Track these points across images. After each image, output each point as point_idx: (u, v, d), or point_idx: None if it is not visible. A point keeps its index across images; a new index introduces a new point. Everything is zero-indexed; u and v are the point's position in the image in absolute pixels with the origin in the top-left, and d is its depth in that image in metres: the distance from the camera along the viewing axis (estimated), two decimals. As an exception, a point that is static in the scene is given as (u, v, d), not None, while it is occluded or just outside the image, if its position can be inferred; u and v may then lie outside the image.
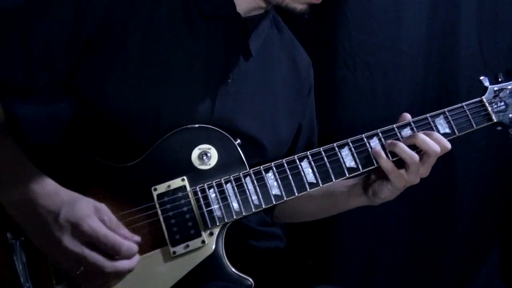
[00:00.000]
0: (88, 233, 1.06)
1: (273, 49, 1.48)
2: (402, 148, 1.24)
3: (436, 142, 1.25)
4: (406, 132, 1.28)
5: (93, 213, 1.09)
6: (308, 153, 1.25)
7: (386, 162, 1.25)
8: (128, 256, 1.11)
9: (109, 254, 1.09)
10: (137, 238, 1.14)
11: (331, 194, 1.47)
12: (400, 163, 1.26)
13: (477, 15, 2.06)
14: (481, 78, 1.35)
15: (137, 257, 1.14)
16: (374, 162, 1.27)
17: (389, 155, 1.26)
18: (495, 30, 2.08)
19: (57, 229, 1.06)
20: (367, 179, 1.38)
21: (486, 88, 1.34)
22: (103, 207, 1.12)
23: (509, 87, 1.34)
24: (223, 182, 1.22)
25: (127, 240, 1.11)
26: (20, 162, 1.16)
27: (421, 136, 1.24)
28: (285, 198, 1.23)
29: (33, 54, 1.22)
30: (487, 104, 1.32)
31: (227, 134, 1.26)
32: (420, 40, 2.05)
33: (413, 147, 1.25)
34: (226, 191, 1.21)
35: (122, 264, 1.11)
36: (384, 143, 1.27)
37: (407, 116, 1.31)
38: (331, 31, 1.99)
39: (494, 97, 1.33)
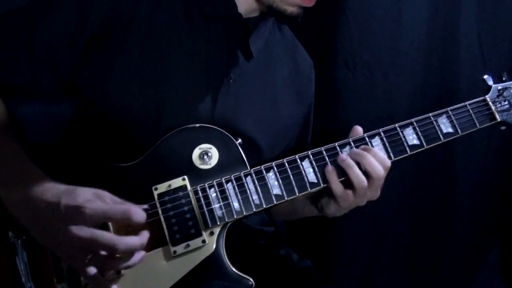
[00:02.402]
0: (92, 214, 1.02)
1: (275, 51, 1.47)
2: (355, 172, 1.20)
3: (376, 160, 1.21)
4: (408, 131, 1.27)
5: (93, 198, 1.05)
6: (309, 152, 1.25)
7: (336, 185, 1.22)
8: (139, 222, 1.05)
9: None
10: (146, 206, 1.10)
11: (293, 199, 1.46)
12: (347, 182, 1.23)
13: (477, 15, 2.06)
14: (485, 77, 1.35)
15: (146, 234, 1.09)
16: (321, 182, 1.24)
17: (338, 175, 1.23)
18: (495, 30, 2.08)
19: (60, 219, 1.03)
20: (317, 194, 1.35)
21: (490, 87, 1.33)
22: (103, 191, 1.08)
23: (513, 86, 1.34)
24: (223, 181, 1.21)
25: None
26: (20, 161, 1.15)
27: (370, 158, 1.20)
28: (286, 198, 1.22)
29: (36, 54, 1.22)
30: (490, 103, 1.32)
31: (228, 134, 1.26)
32: (420, 40, 2.05)
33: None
34: (227, 190, 1.21)
35: (133, 240, 1.06)
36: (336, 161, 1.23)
37: (359, 130, 1.28)
38: (331, 31, 1.99)
39: (498, 96, 1.32)
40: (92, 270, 1.05)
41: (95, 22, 1.22)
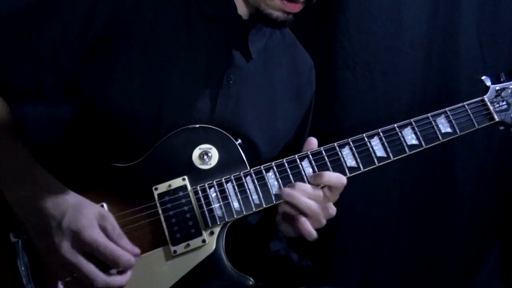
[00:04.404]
0: (88, 242, 1.05)
1: (275, 53, 1.47)
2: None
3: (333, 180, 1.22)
4: (407, 131, 1.28)
5: (96, 222, 1.08)
6: (308, 152, 1.25)
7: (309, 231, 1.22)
8: (125, 269, 1.10)
9: (103, 267, 1.09)
10: (137, 251, 1.13)
11: None
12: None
13: (477, 15, 2.06)
14: (483, 77, 1.35)
15: (129, 275, 1.12)
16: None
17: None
18: (495, 30, 2.08)
19: (58, 235, 1.05)
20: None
21: (488, 87, 1.34)
22: (108, 215, 1.11)
23: (511, 86, 1.34)
24: (223, 181, 1.22)
25: (127, 252, 1.10)
26: (29, 162, 1.16)
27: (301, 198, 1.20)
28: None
29: (40, 56, 1.22)
30: (488, 104, 1.32)
31: (228, 134, 1.26)
32: (420, 40, 2.05)
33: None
34: (226, 190, 1.21)
35: (114, 280, 1.09)
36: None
37: (313, 141, 1.27)
38: (331, 31, 1.99)
39: (496, 96, 1.33)
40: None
41: (99, 24, 1.23)
